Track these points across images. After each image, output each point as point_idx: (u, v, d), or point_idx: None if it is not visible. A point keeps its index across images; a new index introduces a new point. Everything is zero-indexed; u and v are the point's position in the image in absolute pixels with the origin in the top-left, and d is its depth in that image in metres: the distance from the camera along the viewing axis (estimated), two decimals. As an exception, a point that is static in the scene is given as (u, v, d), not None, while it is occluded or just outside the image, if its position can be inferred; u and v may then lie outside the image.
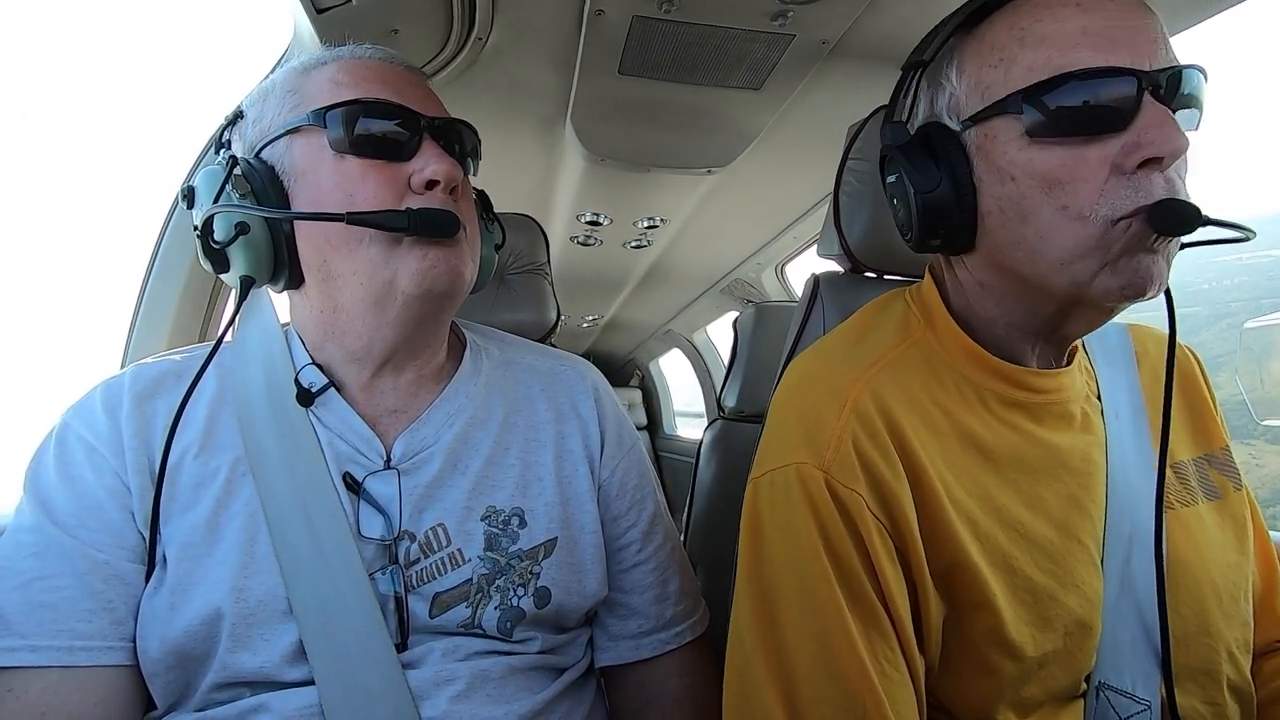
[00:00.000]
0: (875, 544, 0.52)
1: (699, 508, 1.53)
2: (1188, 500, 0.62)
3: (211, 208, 0.59)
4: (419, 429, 0.65)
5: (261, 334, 0.66)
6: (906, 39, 1.07)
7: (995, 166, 0.53)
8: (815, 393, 0.60)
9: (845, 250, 0.91)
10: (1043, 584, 0.55)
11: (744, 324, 1.56)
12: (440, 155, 0.60)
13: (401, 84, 0.63)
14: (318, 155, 0.59)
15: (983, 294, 0.60)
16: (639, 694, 0.72)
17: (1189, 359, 0.70)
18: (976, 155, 0.54)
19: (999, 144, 0.52)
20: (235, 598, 0.55)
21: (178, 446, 0.59)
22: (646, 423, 4.67)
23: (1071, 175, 0.50)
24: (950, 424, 0.58)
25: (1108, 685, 0.56)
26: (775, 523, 0.56)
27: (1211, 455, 0.66)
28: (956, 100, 0.56)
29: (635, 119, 1.30)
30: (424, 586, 0.60)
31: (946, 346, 0.61)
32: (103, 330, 1.23)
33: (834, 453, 0.54)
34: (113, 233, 11.99)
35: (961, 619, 0.54)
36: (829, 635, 0.51)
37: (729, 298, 2.71)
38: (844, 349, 0.65)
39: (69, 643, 0.53)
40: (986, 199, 0.54)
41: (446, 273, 0.60)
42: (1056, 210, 0.50)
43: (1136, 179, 0.48)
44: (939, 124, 0.57)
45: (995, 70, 0.52)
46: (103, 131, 43.17)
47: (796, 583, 0.54)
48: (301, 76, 0.63)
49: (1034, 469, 0.58)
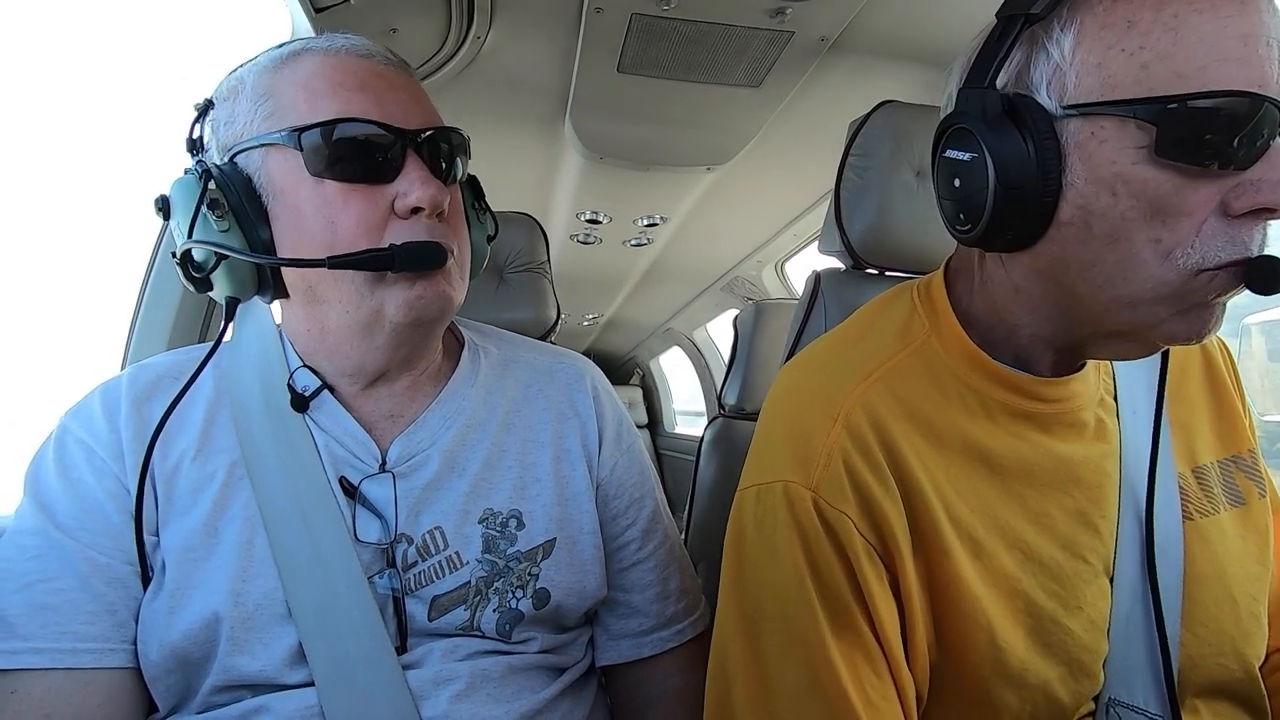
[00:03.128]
0: (864, 568, 0.50)
1: (699, 505, 1.53)
2: (1208, 509, 0.58)
3: (188, 242, 0.57)
4: (415, 432, 0.64)
5: (258, 336, 0.65)
6: (905, 35, 1.07)
7: (1098, 174, 0.44)
8: (806, 405, 0.57)
9: (846, 247, 0.90)
10: (1046, 607, 0.52)
11: (744, 321, 1.56)
12: (425, 179, 0.57)
13: (382, 88, 0.59)
14: (295, 175, 0.56)
15: (1016, 299, 0.53)
16: (640, 692, 0.72)
17: (1217, 351, 0.65)
18: (1074, 152, 0.45)
19: (1108, 149, 0.44)
20: (234, 601, 0.55)
21: (175, 450, 0.59)
22: (647, 421, 4.67)
23: (1178, 207, 0.42)
24: (954, 436, 0.54)
25: (1118, 701, 0.53)
26: (760, 542, 0.54)
27: (1238, 458, 0.61)
28: (1063, 76, 0.45)
29: (634, 117, 1.30)
30: (422, 590, 0.60)
31: (950, 353, 0.57)
32: (103, 331, 1.23)
33: (823, 471, 0.52)
34: (112, 233, 11.87)
35: (958, 645, 0.51)
36: (813, 663, 0.49)
37: (729, 295, 2.71)
38: (839, 355, 0.61)
39: (72, 645, 0.53)
40: (1072, 207, 0.46)
41: (435, 300, 0.58)
42: (1148, 242, 0.43)
43: (1236, 226, 0.42)
44: (1031, 99, 0.46)
45: (1129, 59, 0.42)
46: (102, 132, 42.85)
47: (780, 608, 0.51)
48: (274, 75, 0.58)
49: (1042, 483, 0.54)
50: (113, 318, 1.19)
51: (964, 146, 0.49)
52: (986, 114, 0.47)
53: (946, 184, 0.51)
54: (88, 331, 2.76)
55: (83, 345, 2.35)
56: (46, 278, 7.86)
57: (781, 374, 0.63)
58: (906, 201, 0.88)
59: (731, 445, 1.50)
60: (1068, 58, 0.45)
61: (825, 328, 0.92)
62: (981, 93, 0.47)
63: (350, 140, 0.56)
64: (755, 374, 1.51)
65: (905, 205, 0.88)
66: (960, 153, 0.49)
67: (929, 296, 0.60)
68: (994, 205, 0.47)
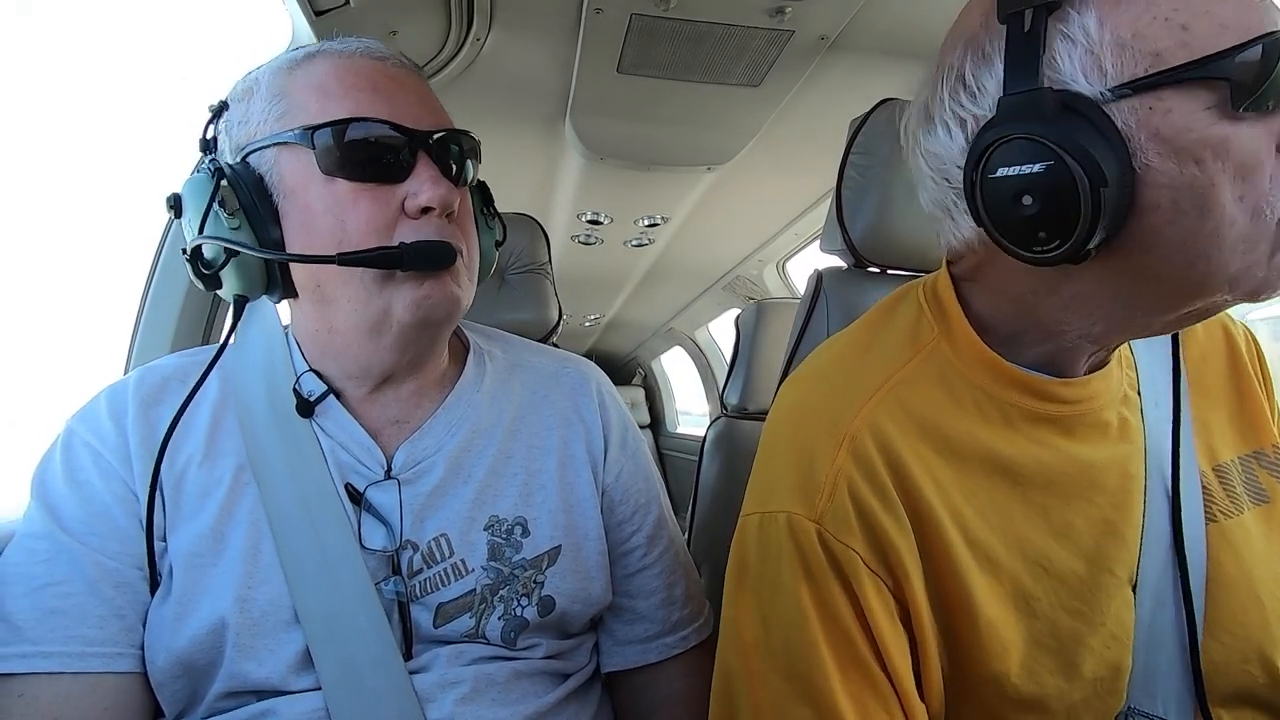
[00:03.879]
0: (871, 603, 0.48)
1: (702, 506, 1.53)
2: (1231, 510, 0.56)
3: (198, 238, 0.57)
4: (421, 438, 0.64)
5: (264, 339, 0.65)
6: (905, 34, 1.07)
7: (1175, 147, 0.41)
8: (810, 427, 0.54)
9: (848, 245, 0.90)
10: (1068, 627, 0.50)
11: (746, 321, 1.56)
12: (435, 179, 0.57)
13: (394, 90, 0.59)
14: (306, 174, 0.57)
15: (1071, 305, 0.49)
16: (644, 697, 0.72)
17: (1241, 338, 0.62)
18: (1139, 131, 0.42)
19: (1177, 118, 0.41)
20: (240, 607, 0.55)
21: (182, 455, 0.59)
22: (649, 421, 4.67)
23: (1255, 157, 0.41)
24: (971, 447, 0.52)
25: (1139, 711, 0.52)
26: (762, 575, 0.52)
27: (1261, 453, 0.58)
28: (1098, 60, 0.43)
29: (635, 117, 1.30)
30: (427, 597, 0.59)
31: (963, 358, 0.54)
32: (107, 334, 1.23)
33: (828, 501, 0.50)
34: (114, 236, 11.89)
35: (973, 675, 0.49)
36: (819, 702, 0.48)
37: (731, 295, 2.71)
38: (845, 368, 0.58)
39: (80, 649, 0.53)
40: (1153, 188, 0.42)
41: (443, 301, 0.58)
42: (1234, 201, 0.41)
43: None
44: (1073, 93, 0.44)
45: (1166, 24, 0.41)
46: (102, 133, 42.58)
47: (784, 644, 0.50)
48: (288, 77, 0.59)
49: (1065, 491, 0.52)
50: (115, 319, 1.20)
51: (1026, 159, 0.44)
52: (1046, 116, 0.43)
53: (1007, 207, 0.45)
54: (90, 333, 2.75)
55: (85, 346, 2.36)
56: (47, 278, 7.83)
57: (785, 388, 0.61)
58: (908, 200, 0.88)
59: (734, 445, 1.50)
60: (1096, 39, 0.43)
61: (827, 326, 0.92)
62: (1032, 95, 0.44)
63: (362, 140, 0.56)
64: (757, 374, 1.51)
65: (907, 203, 0.88)
66: (1024, 167, 0.44)
67: (936, 298, 0.58)
68: (1091, 212, 0.42)
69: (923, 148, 0.52)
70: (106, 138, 13.22)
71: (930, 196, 0.54)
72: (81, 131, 14.55)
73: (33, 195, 9.35)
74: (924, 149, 0.52)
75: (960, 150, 0.48)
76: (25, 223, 7.65)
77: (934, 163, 0.51)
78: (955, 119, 0.49)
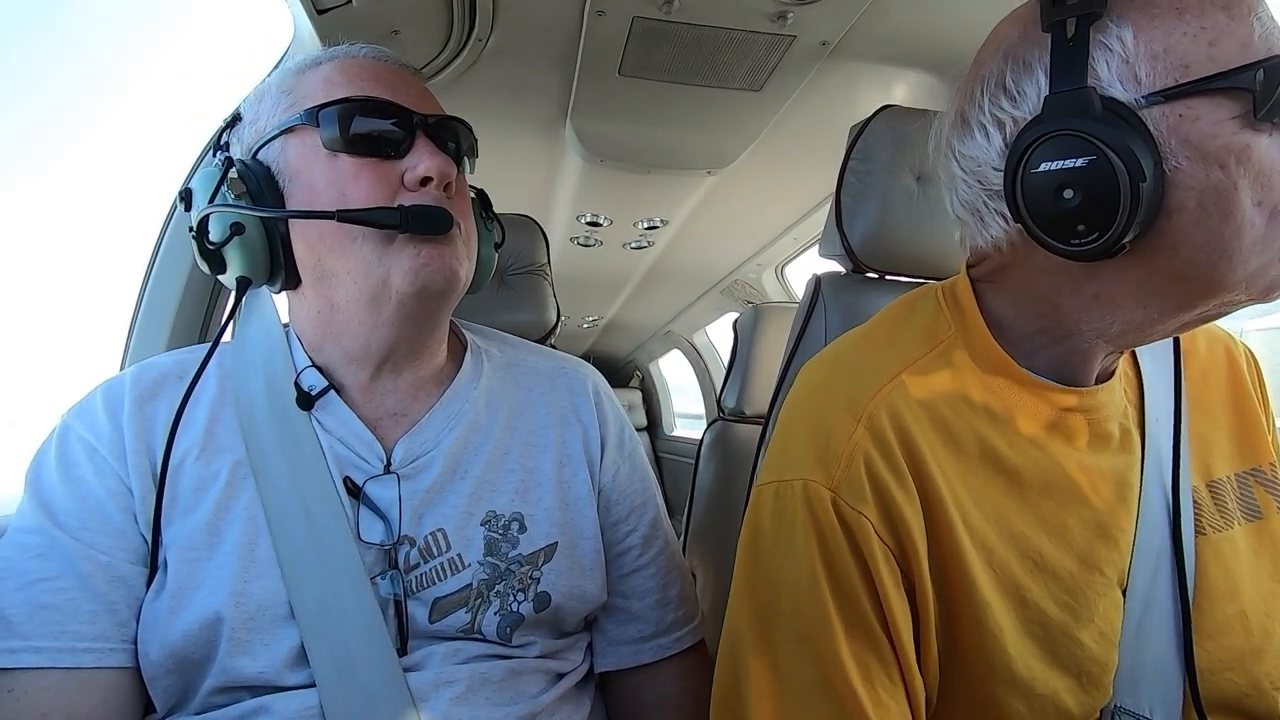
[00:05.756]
0: (880, 569, 0.50)
1: (699, 509, 1.53)
2: (1220, 525, 0.58)
3: (206, 208, 0.59)
4: (419, 433, 0.64)
5: (262, 334, 0.65)
6: (906, 42, 1.07)
7: (1202, 152, 0.45)
8: (829, 403, 0.56)
9: (847, 250, 0.91)
10: (1056, 618, 0.52)
11: (744, 325, 1.56)
12: (433, 152, 0.60)
13: (396, 82, 0.63)
14: (311, 154, 0.59)
15: (1093, 305, 0.51)
16: (636, 698, 0.72)
17: (1242, 358, 0.64)
18: (1170, 138, 0.45)
19: (1204, 125, 0.45)
20: (235, 602, 0.55)
21: (179, 449, 0.59)
22: (646, 424, 4.67)
23: (1274, 166, 0.44)
24: (974, 443, 0.54)
25: (1125, 709, 0.53)
26: (776, 539, 0.54)
27: (1258, 470, 0.60)
28: (1133, 69, 0.46)
29: (635, 120, 1.30)
30: (423, 592, 0.60)
31: (977, 359, 0.57)
32: (104, 330, 1.23)
33: (844, 471, 0.52)
34: (113, 233, 11.83)
35: (968, 651, 0.51)
36: (824, 661, 0.50)
37: (729, 299, 2.72)
38: (865, 354, 0.61)
39: (71, 644, 0.52)
40: (1182, 190, 0.45)
41: (440, 270, 0.59)
42: (1253, 205, 0.45)
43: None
44: (1110, 97, 0.47)
45: (1195, 40, 0.45)
46: (103, 133, 42.91)
47: (793, 605, 0.52)
48: (296, 77, 0.63)
49: (1062, 494, 0.54)
50: (112, 317, 1.19)
51: (1072, 153, 0.46)
52: (1093, 114, 0.46)
53: (1049, 200, 0.48)
54: (87, 331, 2.74)
55: (82, 345, 2.34)
56: (46, 278, 7.78)
57: (805, 370, 0.63)
58: (907, 206, 0.88)
59: (730, 448, 1.50)
60: (1132, 50, 0.46)
61: (826, 331, 0.92)
62: (1079, 94, 0.47)
63: (364, 117, 0.59)
64: (755, 377, 1.51)
65: (906, 209, 0.88)
66: (1069, 160, 0.47)
67: (955, 299, 0.60)
68: (1130, 206, 0.45)
69: (957, 151, 0.54)
70: (106, 138, 13.26)
71: (960, 198, 0.56)
72: (81, 131, 14.59)
73: (33, 195, 9.36)
74: (958, 152, 0.54)
75: (999, 151, 0.51)
76: (25, 223, 7.66)
77: (968, 165, 0.53)
78: (994, 121, 0.51)
